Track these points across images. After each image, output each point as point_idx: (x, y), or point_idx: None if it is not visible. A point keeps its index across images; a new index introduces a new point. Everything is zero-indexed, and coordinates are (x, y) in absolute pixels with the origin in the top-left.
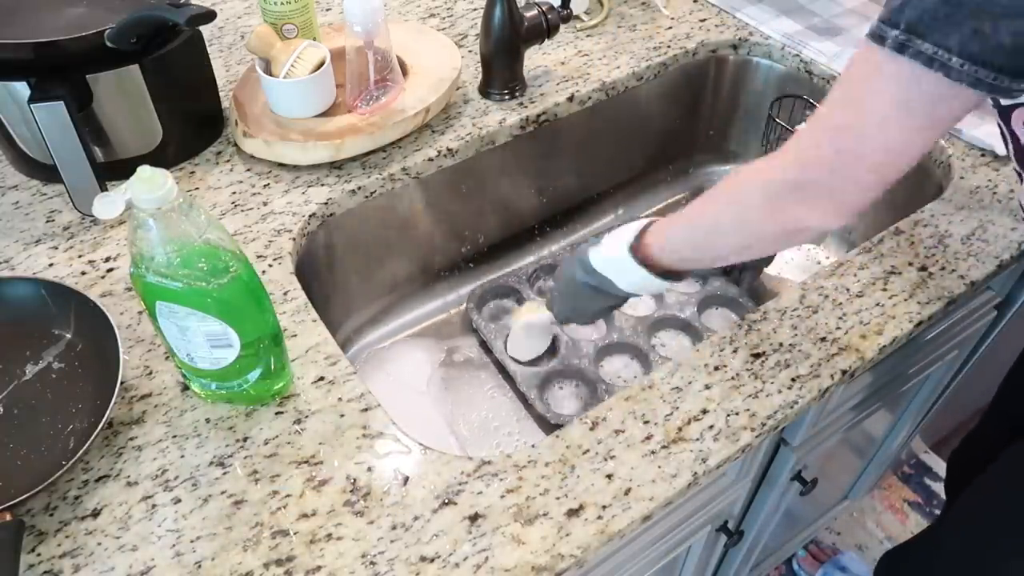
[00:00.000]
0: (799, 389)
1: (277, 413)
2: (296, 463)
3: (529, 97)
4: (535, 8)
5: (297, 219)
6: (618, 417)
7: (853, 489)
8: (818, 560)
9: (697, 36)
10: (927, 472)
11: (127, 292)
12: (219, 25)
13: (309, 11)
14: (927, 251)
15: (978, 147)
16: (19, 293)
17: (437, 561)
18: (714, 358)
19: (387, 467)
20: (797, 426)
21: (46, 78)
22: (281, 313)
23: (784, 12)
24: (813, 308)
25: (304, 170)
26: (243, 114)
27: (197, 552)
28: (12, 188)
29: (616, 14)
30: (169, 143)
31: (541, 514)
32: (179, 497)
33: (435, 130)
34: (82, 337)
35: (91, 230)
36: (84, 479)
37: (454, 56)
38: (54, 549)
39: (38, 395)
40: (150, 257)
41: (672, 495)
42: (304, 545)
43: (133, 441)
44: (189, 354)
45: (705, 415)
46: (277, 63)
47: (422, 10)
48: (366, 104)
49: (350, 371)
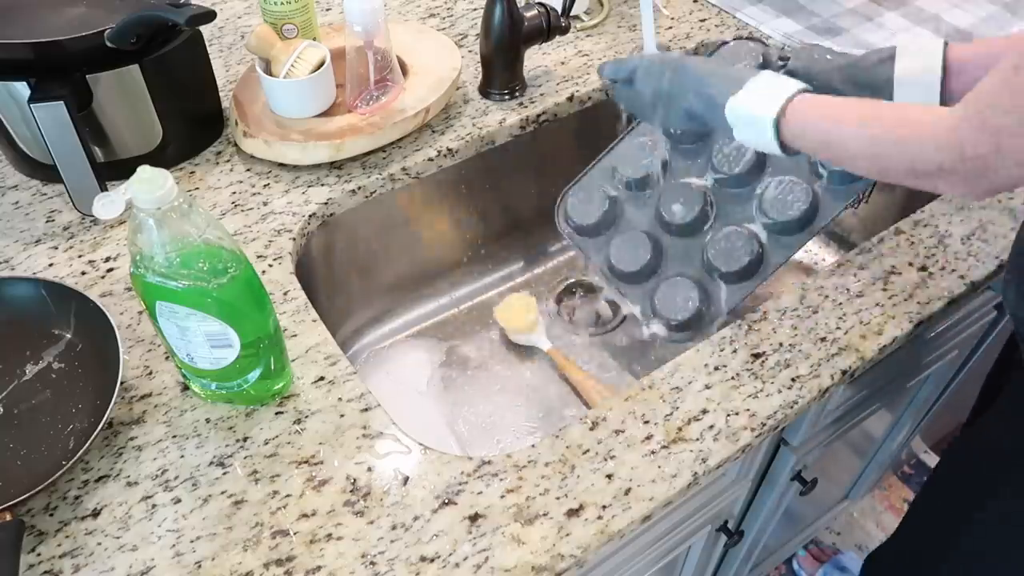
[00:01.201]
0: (799, 389)
1: (277, 413)
2: (296, 463)
3: (529, 97)
4: (535, 8)
5: (297, 219)
6: (618, 417)
7: (853, 489)
8: (818, 560)
9: (697, 36)
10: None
11: (127, 292)
12: (219, 25)
13: (309, 11)
14: (927, 251)
15: None
16: (19, 293)
17: (437, 561)
18: (714, 358)
19: (387, 467)
20: (797, 426)
21: (46, 78)
22: (281, 313)
23: (784, 12)
24: (813, 308)
25: (304, 170)
26: (243, 114)
27: (197, 552)
28: (12, 188)
29: (616, 14)
30: (169, 143)
31: (541, 514)
32: (179, 497)
33: (435, 130)
34: (82, 337)
35: (91, 230)
36: (84, 479)
37: (454, 56)
38: (54, 549)
39: (38, 395)
40: (150, 257)
41: (672, 495)
42: (304, 545)
43: (133, 441)
44: (189, 354)
45: (705, 415)
46: (277, 63)
47: (422, 10)
48: (366, 104)
49: (350, 371)
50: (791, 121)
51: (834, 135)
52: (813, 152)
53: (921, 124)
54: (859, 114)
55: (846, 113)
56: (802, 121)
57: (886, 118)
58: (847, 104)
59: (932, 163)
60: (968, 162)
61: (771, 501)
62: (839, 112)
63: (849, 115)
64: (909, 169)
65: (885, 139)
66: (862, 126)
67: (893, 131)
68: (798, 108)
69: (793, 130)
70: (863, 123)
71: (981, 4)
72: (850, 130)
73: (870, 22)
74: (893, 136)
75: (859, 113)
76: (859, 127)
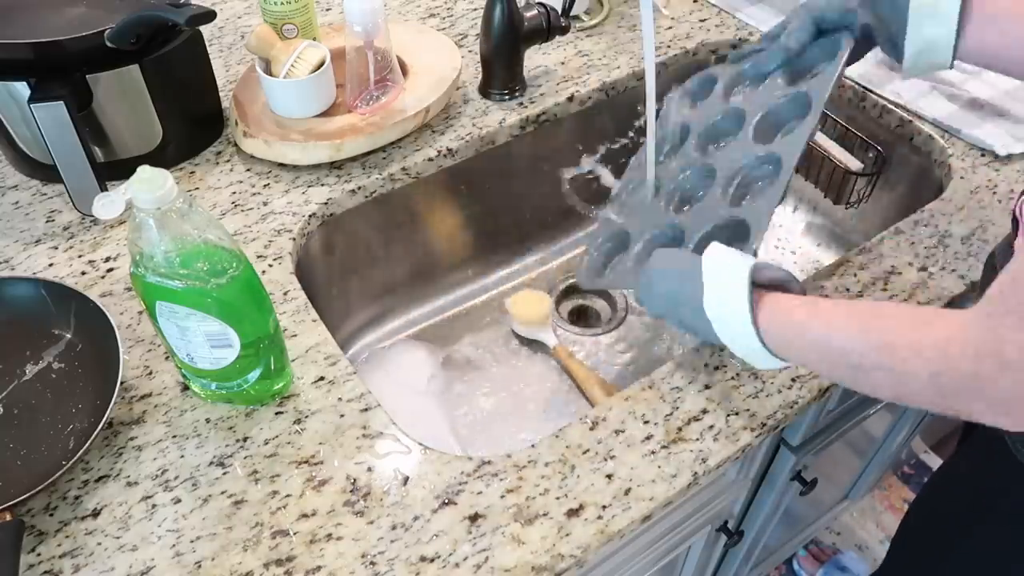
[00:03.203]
0: (799, 389)
1: (277, 413)
2: (296, 463)
3: (529, 97)
4: (535, 8)
5: (297, 219)
6: (618, 417)
7: (853, 489)
8: (818, 560)
9: (697, 36)
10: (927, 472)
11: (127, 292)
12: (219, 25)
13: (309, 11)
14: (927, 251)
15: (978, 147)
16: (19, 293)
17: (437, 561)
18: (714, 358)
19: (387, 467)
20: (797, 426)
21: (46, 78)
22: (281, 313)
23: (784, 12)
24: None
25: (304, 170)
26: (243, 114)
27: (197, 552)
28: (12, 188)
29: (616, 14)
30: (169, 143)
31: (541, 514)
32: (179, 497)
33: (435, 130)
34: (82, 337)
35: (91, 230)
36: (84, 479)
37: (454, 56)
38: (54, 549)
39: (38, 395)
40: (150, 257)
41: (672, 495)
42: (304, 545)
43: (133, 441)
44: (189, 354)
45: (705, 415)
46: (277, 63)
47: (422, 10)
48: (366, 104)
49: (350, 371)
50: (768, 329)
51: (824, 344)
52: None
53: (939, 322)
54: (849, 314)
55: (832, 316)
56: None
57: (889, 317)
58: (823, 305)
59: (962, 373)
60: (1011, 371)
61: (771, 501)
62: (823, 315)
63: (838, 318)
64: (933, 384)
65: (896, 355)
66: (864, 331)
67: (906, 335)
68: (769, 308)
69: (775, 341)
70: (864, 328)
71: None
72: (846, 337)
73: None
74: (907, 340)
75: (849, 313)
76: (860, 332)
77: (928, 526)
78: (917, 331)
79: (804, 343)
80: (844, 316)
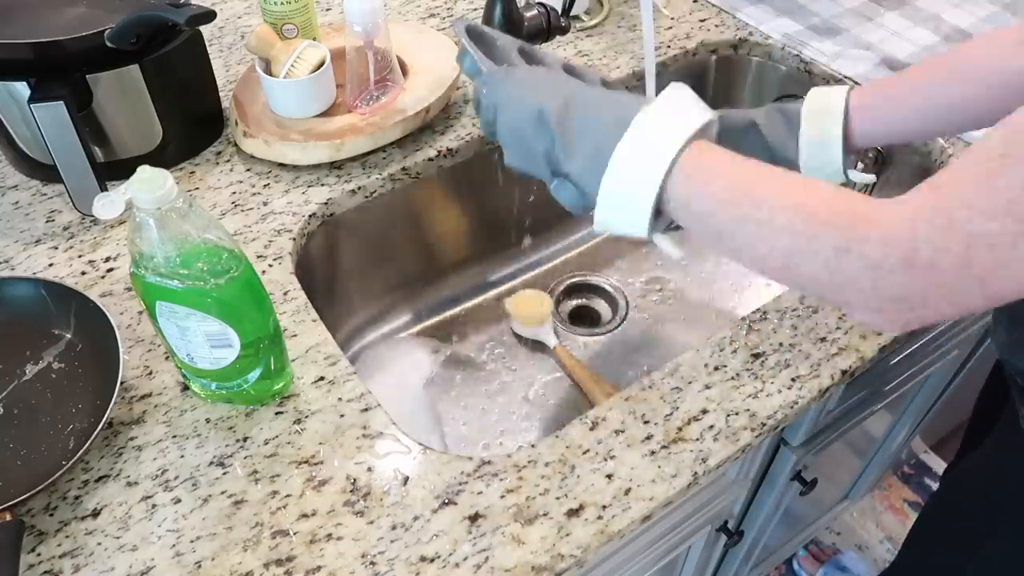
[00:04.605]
0: (799, 389)
1: (277, 413)
2: (296, 463)
3: None
4: (535, 8)
5: (297, 219)
6: (618, 417)
7: (853, 489)
8: (818, 560)
9: (697, 36)
10: (927, 472)
11: (127, 292)
12: (219, 25)
13: (309, 11)
14: None
15: None
16: (19, 293)
17: (437, 561)
18: (714, 358)
19: (387, 467)
20: (797, 426)
21: (46, 78)
22: (281, 313)
23: (784, 12)
24: (813, 308)
25: (304, 170)
26: (243, 114)
27: (197, 552)
28: (12, 188)
29: (616, 14)
30: (169, 143)
31: (541, 514)
32: (179, 497)
33: (435, 130)
34: (82, 337)
35: (91, 230)
36: (84, 479)
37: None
38: (54, 549)
39: (38, 395)
40: (150, 257)
41: (672, 495)
42: (304, 545)
43: (133, 441)
44: (189, 354)
45: (705, 415)
46: (277, 63)
47: (422, 10)
48: (366, 104)
49: (350, 371)
50: (691, 174)
51: (743, 190)
52: (690, 227)
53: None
54: (785, 175)
55: (763, 168)
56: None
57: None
58: (747, 166)
59: (867, 260)
60: (916, 270)
61: (771, 501)
62: (739, 175)
63: (771, 172)
64: (833, 261)
65: (811, 220)
66: (789, 189)
67: (820, 210)
68: (692, 164)
69: (689, 185)
70: (792, 188)
71: (981, 4)
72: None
73: (870, 22)
74: (821, 217)
75: (784, 174)
76: (784, 188)
77: (948, 524)
78: (837, 208)
79: (725, 183)
80: (779, 174)
